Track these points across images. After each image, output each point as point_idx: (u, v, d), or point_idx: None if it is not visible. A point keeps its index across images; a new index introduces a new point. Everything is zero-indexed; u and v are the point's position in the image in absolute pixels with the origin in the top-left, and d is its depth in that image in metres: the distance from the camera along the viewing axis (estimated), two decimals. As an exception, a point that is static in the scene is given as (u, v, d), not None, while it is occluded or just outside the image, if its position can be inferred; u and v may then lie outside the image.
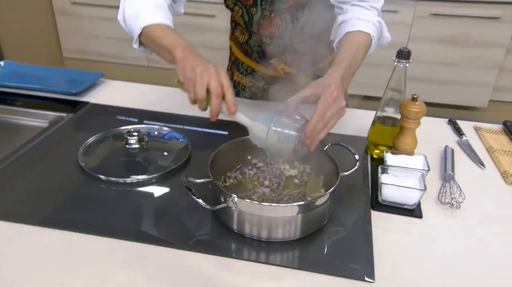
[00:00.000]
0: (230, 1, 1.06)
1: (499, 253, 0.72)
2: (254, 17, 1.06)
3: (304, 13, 1.05)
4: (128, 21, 0.95)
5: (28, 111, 1.12)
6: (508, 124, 1.10)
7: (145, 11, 0.91)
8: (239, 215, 0.71)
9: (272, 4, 1.03)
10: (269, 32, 1.08)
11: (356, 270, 0.68)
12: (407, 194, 0.80)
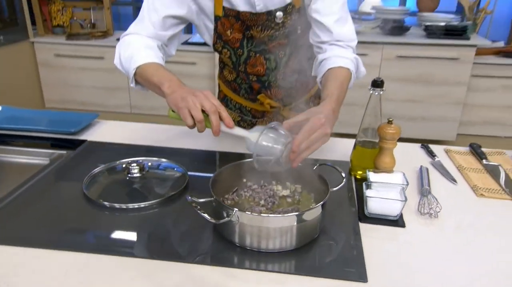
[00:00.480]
0: (218, 45, 1.17)
1: (474, 255, 0.80)
2: (241, 57, 1.17)
3: (286, 53, 1.17)
4: (124, 64, 1.06)
5: (28, 150, 1.17)
6: (474, 145, 1.22)
7: (137, 53, 1.02)
8: (241, 228, 0.78)
9: (256, 46, 1.15)
10: (255, 71, 1.19)
11: (350, 273, 0.74)
12: (390, 206, 0.88)
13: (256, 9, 1.07)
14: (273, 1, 1.06)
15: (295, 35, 1.13)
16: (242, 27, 1.11)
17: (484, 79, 2.77)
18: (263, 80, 1.20)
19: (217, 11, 1.09)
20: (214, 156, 1.19)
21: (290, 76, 1.19)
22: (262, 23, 1.08)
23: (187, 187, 1.00)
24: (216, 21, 1.11)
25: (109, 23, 3.38)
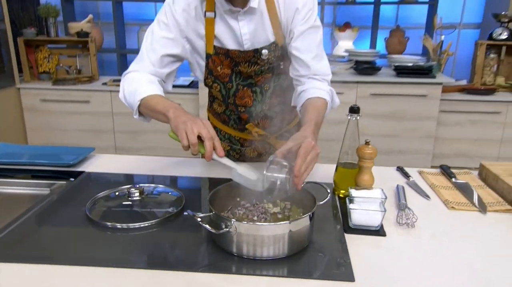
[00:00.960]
0: (209, 80, 1.29)
1: (447, 259, 0.89)
2: (230, 91, 1.29)
3: (270, 86, 1.29)
4: (128, 97, 1.16)
5: (29, 181, 1.23)
6: (444, 167, 1.34)
7: (141, 87, 1.13)
8: (238, 237, 0.85)
9: (244, 80, 1.27)
10: (243, 102, 1.30)
11: (339, 274, 0.82)
12: (371, 217, 0.97)
13: (244, 47, 1.20)
14: (259, 41, 1.20)
15: (278, 69, 1.26)
16: (231, 64, 1.23)
17: (452, 114, 2.97)
18: (251, 111, 1.31)
19: (208, 50, 1.21)
20: (207, 181, 1.27)
21: (275, 106, 1.31)
22: (249, 60, 1.21)
23: (184, 208, 1.07)
24: (207, 59, 1.23)
25: (95, 69, 3.49)
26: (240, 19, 1.18)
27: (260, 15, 1.18)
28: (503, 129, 2.97)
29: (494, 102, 2.94)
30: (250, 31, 1.19)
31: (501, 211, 1.09)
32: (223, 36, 1.20)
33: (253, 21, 1.18)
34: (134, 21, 4.20)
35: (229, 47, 1.20)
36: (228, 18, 1.18)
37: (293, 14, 1.18)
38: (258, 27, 1.19)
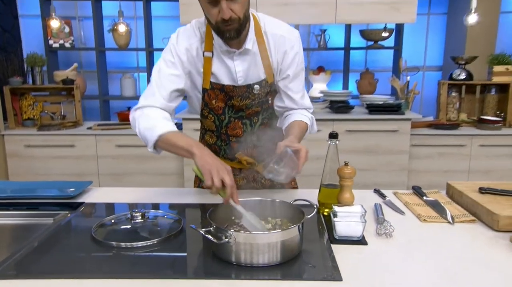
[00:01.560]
0: (205, 111, 1.43)
1: (421, 262, 1.01)
2: (223, 122, 1.42)
3: (259, 118, 1.43)
4: (143, 133, 1.26)
5: (32, 212, 1.29)
6: (416, 187, 1.49)
7: (158, 123, 1.25)
8: (236, 247, 0.95)
9: (236, 113, 1.41)
10: (235, 133, 1.43)
11: (328, 275, 0.92)
12: (354, 228, 1.09)
13: (238, 83, 1.35)
14: (251, 77, 1.36)
15: (267, 104, 1.42)
16: (225, 98, 1.37)
17: (422, 148, 3.17)
18: (241, 140, 1.44)
19: (205, 85, 1.36)
20: (204, 206, 1.37)
21: (262, 137, 1.45)
22: (242, 94, 1.36)
23: (183, 229, 1.16)
24: (203, 93, 1.37)
25: (79, 114, 3.59)
26: (235, 59, 1.34)
27: (253, 55, 1.35)
28: (469, 161, 3.18)
29: (459, 135, 3.17)
30: (244, 69, 1.35)
31: (466, 222, 1.22)
32: (219, 73, 1.35)
33: (246, 61, 1.35)
34: (117, 69, 4.37)
35: (224, 82, 1.36)
36: (224, 57, 1.33)
37: (282, 56, 1.37)
38: (251, 66, 1.35)
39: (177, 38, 1.34)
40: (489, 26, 3.79)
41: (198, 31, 1.34)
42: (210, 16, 1.24)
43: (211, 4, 1.20)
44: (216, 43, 1.32)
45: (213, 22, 1.25)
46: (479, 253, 1.05)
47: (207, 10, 1.23)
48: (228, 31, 1.24)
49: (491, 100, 3.38)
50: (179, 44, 1.32)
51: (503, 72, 3.29)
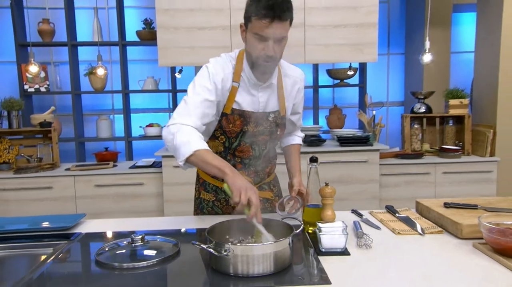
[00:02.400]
0: (218, 132, 1.56)
1: (397, 268, 1.14)
2: (233, 144, 1.56)
3: (266, 146, 1.59)
4: (179, 146, 1.35)
5: (31, 244, 1.34)
6: (388, 206, 1.63)
7: (195, 140, 1.34)
8: (234, 259, 1.05)
9: (247, 138, 1.55)
10: (242, 155, 1.58)
11: (318, 280, 1.03)
12: (337, 240, 1.21)
13: (258, 110, 1.53)
14: (269, 107, 1.55)
15: (275, 134, 1.59)
16: (242, 123, 1.52)
17: (390, 177, 3.36)
18: (245, 162, 1.59)
19: (226, 110, 1.51)
20: (197, 230, 1.46)
21: (263, 162, 1.62)
22: (257, 121, 1.52)
23: (180, 251, 1.24)
24: (222, 116, 1.52)
25: (57, 156, 3.61)
26: (260, 90, 1.53)
27: (273, 88, 1.55)
28: (434, 187, 3.39)
29: (423, 164, 3.39)
30: (265, 99, 1.54)
31: (434, 233, 1.37)
32: (243, 101, 1.51)
33: (267, 92, 1.54)
34: (90, 112, 4.44)
35: (245, 109, 1.52)
36: (251, 88, 1.51)
37: (295, 94, 1.63)
38: (270, 97, 1.55)
39: (214, 68, 1.48)
40: (442, 64, 4.16)
41: (230, 63, 1.51)
42: (254, 50, 1.41)
43: (260, 40, 1.38)
44: (245, 76, 1.50)
45: (254, 55, 1.42)
46: (447, 258, 1.18)
47: (253, 43, 1.40)
48: (265, 67, 1.43)
49: (449, 130, 3.66)
50: (217, 73, 1.47)
51: (458, 105, 3.59)
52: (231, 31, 3.18)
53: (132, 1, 4.32)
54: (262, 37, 1.37)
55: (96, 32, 4.11)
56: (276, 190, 1.75)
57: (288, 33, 1.41)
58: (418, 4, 4.25)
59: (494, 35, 3.46)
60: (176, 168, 3.20)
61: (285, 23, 1.37)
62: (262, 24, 1.35)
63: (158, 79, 4.26)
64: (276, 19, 1.34)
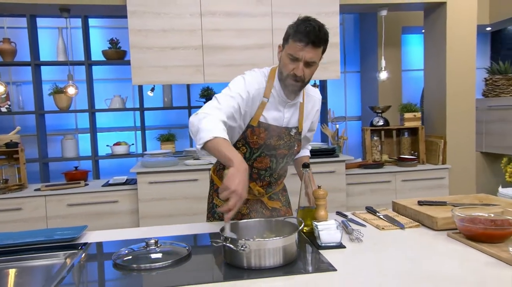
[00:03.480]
0: (240, 143, 1.65)
1: (384, 256, 1.31)
2: (254, 155, 1.66)
3: (284, 159, 1.71)
4: (202, 130, 1.39)
5: (43, 254, 1.38)
6: (369, 207, 1.81)
7: (217, 129, 1.39)
8: (247, 253, 1.16)
9: (268, 151, 1.66)
10: (260, 166, 1.68)
11: (325, 268, 1.17)
12: (333, 235, 1.36)
13: (282, 125, 1.65)
14: (291, 122, 1.68)
15: (293, 149, 1.72)
16: (266, 136, 1.63)
17: (356, 186, 3.59)
18: (260, 173, 1.70)
19: (253, 122, 1.61)
20: (203, 236, 1.56)
21: (278, 174, 1.74)
22: (280, 134, 1.65)
23: (191, 253, 1.34)
24: (247, 128, 1.62)
25: (24, 177, 3.53)
26: (286, 107, 1.65)
27: (297, 107, 1.68)
28: (395, 194, 3.66)
29: (384, 173, 3.65)
30: (289, 115, 1.67)
31: (413, 227, 1.55)
32: (270, 115, 1.63)
33: (292, 110, 1.67)
34: (53, 132, 4.38)
35: (271, 122, 1.64)
36: (279, 104, 1.64)
37: (314, 113, 1.78)
38: (293, 113, 1.68)
39: (250, 79, 1.60)
40: (395, 81, 4.51)
41: (263, 79, 1.63)
42: (285, 68, 1.54)
43: (292, 60, 1.51)
44: (275, 92, 1.62)
45: (285, 73, 1.55)
46: (427, 246, 1.37)
47: (286, 62, 1.54)
48: (293, 86, 1.56)
49: (405, 142, 3.97)
50: (253, 84, 1.58)
51: (412, 118, 3.91)
52: (203, 51, 3.31)
53: (95, 21, 4.35)
54: (294, 58, 1.51)
55: (61, 52, 4.10)
56: (284, 199, 1.87)
57: (319, 60, 1.56)
58: (370, 26, 4.61)
59: (440, 56, 3.83)
60: (151, 184, 3.25)
61: (317, 49, 1.51)
62: (297, 47, 1.49)
63: (125, 98, 4.30)
64: (310, 44, 1.47)
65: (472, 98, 3.82)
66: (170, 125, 4.53)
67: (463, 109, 3.79)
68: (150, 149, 4.34)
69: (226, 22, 3.32)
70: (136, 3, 3.22)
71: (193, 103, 4.40)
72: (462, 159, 3.82)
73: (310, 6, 3.39)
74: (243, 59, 3.35)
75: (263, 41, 3.37)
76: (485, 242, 1.31)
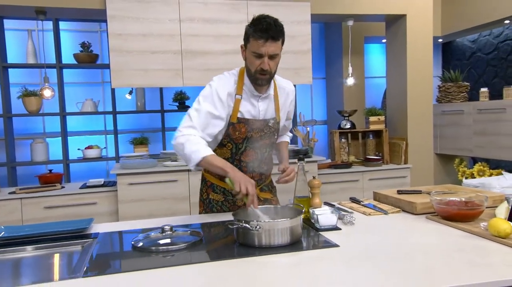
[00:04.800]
0: (225, 140, 1.79)
1: (374, 235, 1.48)
2: (240, 150, 1.80)
3: (266, 149, 1.86)
4: (189, 154, 1.61)
5: (60, 243, 1.45)
6: (353, 198, 1.99)
7: (202, 148, 1.61)
8: (259, 233, 1.30)
9: (252, 143, 1.80)
10: (247, 159, 1.82)
11: (328, 245, 1.33)
12: (330, 218, 1.52)
13: (259, 118, 1.79)
14: (268, 114, 1.82)
15: (273, 139, 1.87)
16: (246, 130, 1.76)
17: (328, 185, 3.80)
18: (249, 166, 1.83)
19: (233, 119, 1.75)
20: (209, 224, 1.67)
21: (264, 164, 1.88)
22: (259, 127, 1.78)
23: (202, 239, 1.45)
24: (229, 126, 1.75)
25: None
26: (259, 100, 1.79)
27: (270, 99, 1.82)
28: (363, 192, 3.90)
29: (353, 173, 3.89)
30: (264, 108, 1.80)
31: (395, 212, 1.75)
32: (246, 110, 1.76)
33: (266, 102, 1.80)
34: (23, 135, 4.30)
35: (248, 117, 1.77)
36: (252, 99, 1.77)
37: (289, 104, 1.92)
38: (268, 106, 1.82)
39: (217, 84, 1.73)
40: (359, 87, 4.79)
41: (232, 79, 1.77)
42: (252, 65, 1.69)
43: (257, 57, 1.67)
44: (247, 89, 1.76)
45: (252, 70, 1.69)
46: (409, 227, 1.56)
47: (251, 60, 1.69)
48: (261, 79, 1.70)
49: (370, 143, 4.24)
50: (221, 88, 1.72)
51: (377, 121, 4.19)
52: (182, 55, 3.41)
53: (65, 24, 4.33)
54: (258, 55, 1.66)
55: (31, 54, 4.04)
56: (274, 191, 2.03)
57: (280, 51, 1.71)
58: (335, 35, 4.88)
59: (401, 64, 4.14)
60: (131, 185, 3.29)
61: (277, 42, 1.67)
62: (259, 44, 1.64)
63: (97, 101, 4.30)
64: (270, 39, 1.63)
65: (430, 104, 4.15)
66: (143, 129, 4.56)
67: (422, 113, 4.12)
68: (122, 152, 4.35)
69: (205, 28, 3.45)
70: (116, 7, 3.27)
71: (166, 107, 4.46)
72: (421, 159, 4.14)
73: (283, 14, 3.57)
74: (220, 64, 3.48)
75: (239, 47, 3.51)
76: (460, 221, 1.51)
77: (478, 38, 5.04)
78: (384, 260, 1.20)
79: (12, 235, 1.50)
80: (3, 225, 1.60)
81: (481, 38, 5.00)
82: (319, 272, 1.12)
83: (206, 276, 1.13)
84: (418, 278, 1.06)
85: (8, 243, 1.45)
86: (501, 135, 4.01)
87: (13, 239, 1.48)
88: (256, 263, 1.21)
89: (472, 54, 5.16)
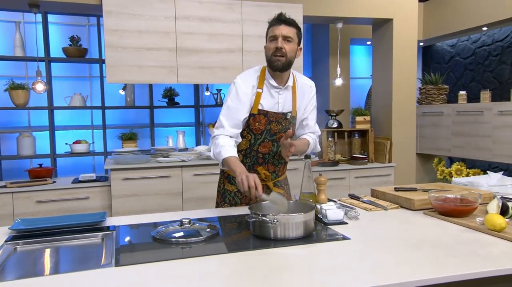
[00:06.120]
0: (245, 131, 1.89)
1: (376, 227, 1.59)
2: (258, 141, 1.90)
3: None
4: (216, 156, 1.82)
5: (81, 235, 1.48)
6: (351, 194, 2.10)
7: (224, 150, 1.76)
8: (275, 226, 1.38)
9: (270, 135, 1.89)
10: (264, 150, 1.91)
11: (341, 238, 1.42)
12: (338, 214, 1.61)
13: (278, 110, 1.87)
14: (286, 107, 1.91)
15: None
16: (266, 122, 1.86)
17: (315, 182, 3.92)
18: (265, 157, 1.93)
19: (254, 111, 1.85)
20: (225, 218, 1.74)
21: (279, 156, 1.96)
22: (278, 119, 1.87)
23: (219, 233, 1.52)
24: (250, 117, 1.85)
25: (-16, 174, 3.41)
26: (279, 93, 1.88)
27: (289, 91, 1.91)
28: (349, 190, 4.03)
29: (340, 170, 4.02)
30: (283, 101, 1.89)
31: (394, 208, 1.86)
32: (266, 102, 1.86)
33: (285, 94, 1.89)
34: (6, 129, 4.24)
35: (268, 109, 1.86)
36: (272, 91, 1.87)
37: (308, 100, 1.99)
38: (287, 99, 1.91)
39: (241, 80, 1.87)
40: (344, 87, 4.93)
41: (255, 74, 1.89)
42: (269, 50, 1.83)
43: (272, 39, 1.82)
44: (267, 82, 1.86)
45: (269, 54, 1.82)
46: (409, 221, 1.67)
47: (268, 46, 1.83)
48: (277, 62, 1.79)
49: (356, 142, 4.38)
50: (245, 83, 1.84)
51: (362, 121, 4.33)
52: (176, 53, 3.45)
53: (53, 17, 4.28)
54: (273, 37, 1.82)
55: (19, 47, 3.99)
56: (286, 188, 2.10)
57: (296, 40, 1.84)
58: (322, 37, 5.00)
59: (387, 66, 4.29)
60: (125, 180, 3.31)
61: (290, 27, 1.82)
62: (273, 28, 1.82)
63: (86, 96, 4.27)
64: (283, 23, 1.81)
65: (413, 105, 4.32)
66: (130, 125, 4.56)
67: (406, 114, 4.28)
68: (110, 147, 4.35)
69: (200, 27, 3.49)
70: (112, 3, 3.28)
71: (155, 103, 4.48)
72: (404, 158, 4.30)
73: (276, 15, 3.66)
74: (215, 62, 3.54)
75: (233, 46, 3.58)
76: (456, 217, 1.63)
77: (456, 43, 5.25)
78: (394, 250, 1.30)
79: (32, 227, 1.53)
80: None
81: (459, 43, 5.22)
82: (336, 262, 1.21)
83: (228, 266, 1.20)
84: (431, 265, 1.16)
85: (26, 235, 1.48)
86: (478, 136, 4.22)
87: (32, 231, 1.51)
88: (274, 254, 1.29)
89: (451, 58, 5.37)
